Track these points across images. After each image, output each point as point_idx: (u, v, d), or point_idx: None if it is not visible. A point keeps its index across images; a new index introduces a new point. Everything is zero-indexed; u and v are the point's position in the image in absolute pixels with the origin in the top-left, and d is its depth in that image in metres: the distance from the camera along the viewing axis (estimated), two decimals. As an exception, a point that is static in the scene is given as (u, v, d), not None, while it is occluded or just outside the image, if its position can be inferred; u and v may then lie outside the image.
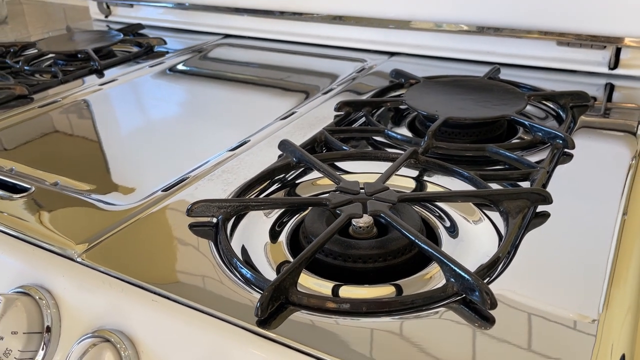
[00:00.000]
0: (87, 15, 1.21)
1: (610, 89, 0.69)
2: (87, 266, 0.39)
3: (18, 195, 0.48)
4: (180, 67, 0.83)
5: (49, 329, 0.37)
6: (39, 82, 0.77)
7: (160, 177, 0.51)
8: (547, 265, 0.38)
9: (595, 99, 0.66)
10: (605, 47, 0.70)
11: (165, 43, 0.91)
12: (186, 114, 0.67)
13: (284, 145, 0.52)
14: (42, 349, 0.37)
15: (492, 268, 0.37)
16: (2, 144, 0.60)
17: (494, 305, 0.33)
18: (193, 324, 0.34)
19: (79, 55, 0.86)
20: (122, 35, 0.92)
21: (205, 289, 0.37)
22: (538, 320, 0.34)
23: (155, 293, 0.36)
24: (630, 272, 0.39)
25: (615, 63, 0.70)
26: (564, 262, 0.39)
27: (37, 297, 0.37)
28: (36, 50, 0.88)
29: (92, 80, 0.78)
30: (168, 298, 0.36)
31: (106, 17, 1.09)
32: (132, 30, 0.98)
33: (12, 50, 0.90)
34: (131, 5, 1.04)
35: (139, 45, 0.91)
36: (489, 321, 0.34)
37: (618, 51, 0.70)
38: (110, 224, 0.44)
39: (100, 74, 0.80)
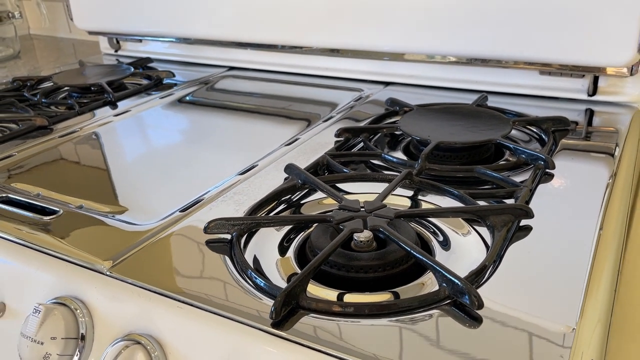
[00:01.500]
0: (95, 50, 1.27)
1: (590, 114, 0.74)
2: (116, 278, 0.43)
3: (48, 217, 0.53)
4: (188, 98, 0.88)
5: (83, 335, 0.41)
6: (57, 113, 0.82)
7: (176, 199, 0.56)
8: (529, 274, 0.43)
9: (577, 123, 0.71)
10: (583, 75, 0.75)
11: (173, 75, 0.97)
12: (197, 141, 0.72)
13: (289, 168, 0.57)
14: (78, 353, 0.41)
15: (479, 275, 0.42)
16: (28, 171, 0.64)
17: (481, 306, 0.38)
18: (215, 327, 0.38)
19: (92, 88, 0.92)
20: (132, 69, 0.97)
21: (224, 296, 0.41)
22: (519, 322, 0.38)
23: (179, 301, 0.40)
24: (602, 284, 0.43)
25: (593, 90, 0.75)
26: (544, 271, 0.43)
27: (73, 307, 0.42)
28: (52, 84, 0.94)
29: (106, 111, 0.83)
30: (191, 305, 0.40)
31: (116, 51, 1.15)
32: (142, 64, 1.03)
33: (28, 84, 0.95)
34: (140, 40, 1.10)
35: (148, 78, 0.97)
36: (477, 321, 0.38)
37: (596, 79, 0.75)
38: (134, 241, 0.48)
39: (113, 105, 0.85)
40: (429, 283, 0.43)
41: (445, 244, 0.48)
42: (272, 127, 0.76)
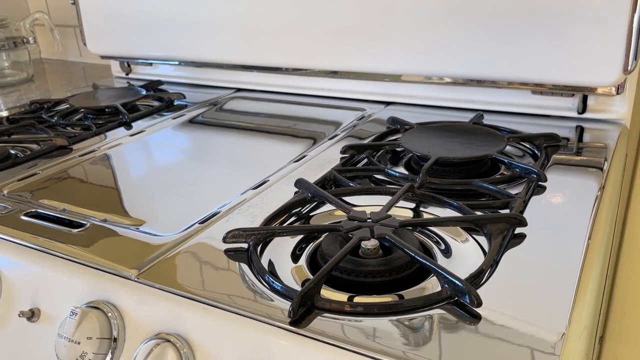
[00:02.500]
0: (104, 73, 1.32)
1: (580, 130, 0.79)
2: (144, 284, 0.47)
3: (76, 230, 0.57)
4: (199, 118, 0.93)
5: (115, 337, 0.45)
6: (75, 134, 0.86)
7: (195, 212, 0.60)
8: (522, 279, 0.47)
9: (568, 139, 0.76)
10: (573, 94, 0.80)
11: (184, 97, 1.02)
12: (209, 158, 0.76)
13: (300, 183, 0.61)
14: (111, 352, 0.44)
15: (477, 277, 0.46)
16: (52, 188, 0.68)
17: (480, 304, 0.42)
18: (238, 325, 0.42)
19: (107, 110, 0.96)
20: (144, 91, 1.02)
21: (245, 298, 0.45)
22: (512, 324, 0.42)
23: (205, 303, 0.44)
24: (589, 292, 0.46)
25: (583, 108, 0.80)
26: (536, 276, 0.47)
27: (105, 310, 0.45)
28: (68, 106, 0.98)
29: (121, 132, 0.88)
30: (216, 306, 0.44)
31: (127, 74, 1.20)
32: (153, 86, 1.08)
33: (45, 106, 1.00)
34: (150, 64, 1.15)
35: (160, 100, 1.01)
36: (477, 318, 0.42)
37: (585, 98, 0.80)
38: (158, 251, 0.52)
39: (128, 126, 0.90)
40: (430, 287, 0.47)
41: (447, 252, 0.52)
42: (280, 145, 0.80)
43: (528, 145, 0.73)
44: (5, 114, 1.02)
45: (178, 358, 0.42)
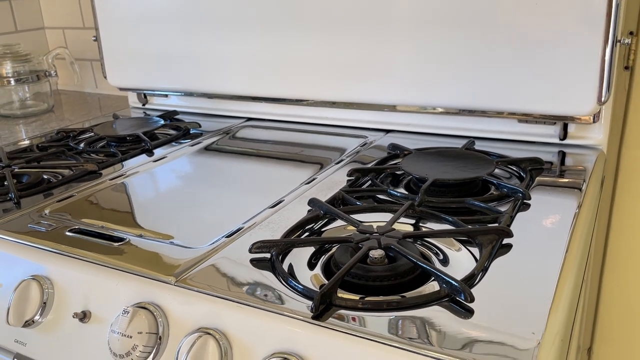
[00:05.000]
0: (119, 103, 1.41)
1: (562, 155, 0.87)
2: (183, 287, 0.55)
3: (117, 244, 0.64)
4: (215, 146, 1.01)
5: (161, 331, 0.52)
6: (102, 160, 0.94)
7: (220, 228, 0.67)
8: (508, 282, 0.54)
9: (552, 163, 0.84)
10: (555, 123, 0.89)
11: (199, 126, 1.10)
12: (227, 181, 0.84)
13: (313, 202, 0.69)
14: (157, 345, 0.52)
15: (470, 279, 0.54)
16: (89, 209, 0.76)
17: (472, 299, 0.49)
18: (269, 320, 0.49)
19: (128, 138, 1.04)
20: (163, 121, 1.11)
21: (273, 298, 0.52)
22: (497, 320, 0.49)
23: (238, 302, 0.51)
24: (563, 299, 0.52)
25: (564, 135, 0.89)
26: (521, 280, 0.54)
27: (151, 309, 0.53)
28: (93, 134, 1.06)
29: (144, 158, 0.96)
30: (249, 305, 0.51)
31: (143, 105, 1.29)
32: (170, 116, 1.17)
33: (71, 135, 1.08)
34: (166, 95, 1.24)
35: (177, 129, 1.09)
36: (470, 312, 0.50)
37: (566, 126, 0.89)
38: (192, 261, 0.60)
39: (150, 153, 0.98)
40: (429, 289, 0.54)
41: (443, 259, 0.59)
42: (290, 169, 0.88)
43: (515, 168, 0.81)
44: (27, 142, 1.10)
45: (218, 348, 0.49)
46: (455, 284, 0.50)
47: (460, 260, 0.59)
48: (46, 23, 1.57)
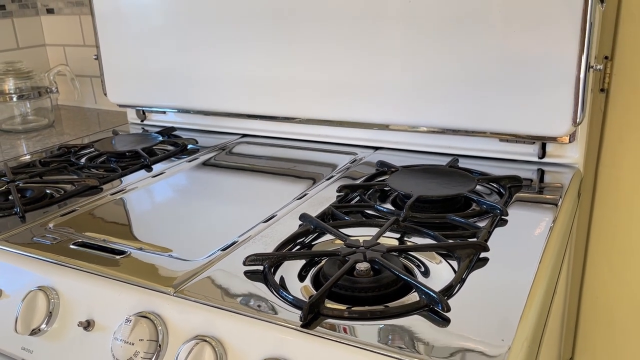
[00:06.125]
0: (117, 119, 1.45)
1: (541, 172, 0.92)
2: (181, 297, 0.59)
3: (119, 257, 0.68)
4: (211, 161, 1.05)
5: (161, 338, 0.56)
6: (103, 175, 0.98)
7: (216, 241, 0.71)
8: (483, 294, 0.58)
9: (531, 180, 0.89)
10: (534, 142, 0.94)
11: (196, 142, 1.14)
12: (223, 196, 0.88)
13: (304, 217, 0.73)
14: (157, 351, 0.56)
15: (448, 290, 0.58)
16: (91, 222, 0.80)
17: (449, 309, 0.54)
18: (261, 328, 0.53)
19: (127, 154, 1.08)
20: (161, 137, 1.15)
21: (264, 308, 0.56)
22: (473, 327, 0.54)
23: (233, 312, 0.56)
24: (533, 308, 0.56)
25: (542, 154, 0.94)
26: (495, 291, 0.59)
27: (152, 318, 0.57)
28: (93, 150, 1.10)
29: (143, 173, 1.00)
30: (242, 314, 0.55)
31: (142, 121, 1.33)
32: (168, 132, 1.21)
33: (73, 150, 1.12)
34: (164, 112, 1.29)
35: (175, 145, 1.14)
36: (447, 321, 0.54)
37: (544, 145, 0.94)
38: (190, 273, 0.64)
39: (149, 168, 1.02)
40: (411, 300, 0.58)
41: (425, 272, 0.64)
42: (284, 184, 0.92)
43: (495, 185, 0.86)
44: (28, 157, 1.14)
45: (214, 354, 0.53)
46: (434, 295, 0.55)
47: (441, 273, 0.63)
48: (47, 40, 1.61)
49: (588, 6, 0.81)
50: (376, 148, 1.08)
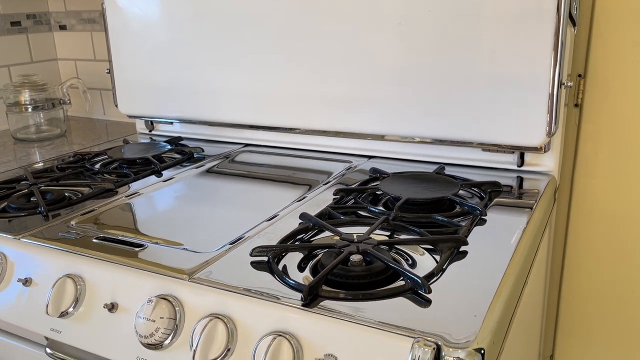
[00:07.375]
0: (126, 129, 1.53)
1: (520, 179, 1.01)
2: (196, 282, 0.67)
3: (138, 249, 0.76)
4: (216, 168, 1.13)
5: (179, 317, 0.64)
6: (117, 180, 1.06)
7: (225, 237, 0.79)
8: (461, 280, 0.67)
9: (511, 187, 0.97)
10: (513, 152, 1.03)
11: (202, 151, 1.23)
12: (228, 199, 0.96)
13: (304, 215, 0.81)
14: (176, 327, 0.63)
15: (429, 278, 0.66)
16: (109, 221, 0.88)
17: (430, 291, 0.62)
18: (267, 307, 0.61)
19: (138, 160, 1.17)
20: (169, 146, 1.23)
21: (270, 292, 0.64)
22: (448, 310, 0.62)
23: (242, 294, 0.63)
24: (505, 290, 0.64)
25: (521, 162, 1.02)
26: (471, 279, 0.67)
27: (170, 299, 0.65)
28: (107, 157, 1.18)
29: (154, 179, 1.08)
30: (252, 296, 0.63)
31: (150, 131, 1.41)
32: (175, 141, 1.29)
33: (87, 157, 1.20)
34: (171, 123, 1.37)
35: (182, 153, 1.22)
36: (428, 302, 0.62)
37: (522, 155, 1.02)
38: (202, 263, 0.72)
39: (159, 174, 1.10)
40: (396, 285, 0.66)
41: (411, 264, 0.72)
42: (284, 189, 1.01)
43: (477, 190, 0.94)
44: (41, 164, 1.22)
45: (225, 329, 0.61)
46: (417, 279, 0.63)
47: (425, 263, 0.71)
48: (59, 55, 1.70)
49: (560, 29, 0.90)
50: (370, 157, 1.16)
